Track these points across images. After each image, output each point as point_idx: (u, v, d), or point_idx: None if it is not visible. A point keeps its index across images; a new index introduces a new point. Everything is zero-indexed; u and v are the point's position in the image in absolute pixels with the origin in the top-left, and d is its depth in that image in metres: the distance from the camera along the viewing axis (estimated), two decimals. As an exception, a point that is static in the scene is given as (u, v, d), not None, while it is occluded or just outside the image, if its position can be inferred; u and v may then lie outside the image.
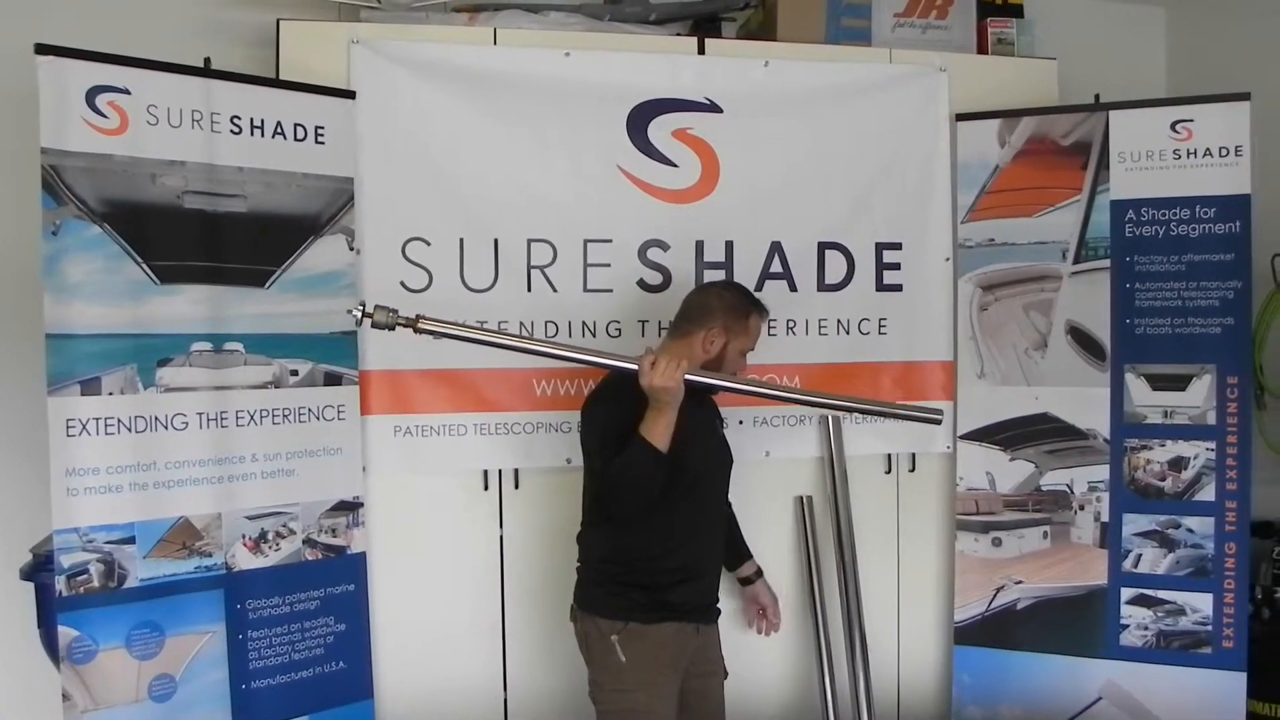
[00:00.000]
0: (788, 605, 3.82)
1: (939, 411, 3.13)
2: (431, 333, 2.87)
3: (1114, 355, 3.73)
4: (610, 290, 3.73)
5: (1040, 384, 3.82)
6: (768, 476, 3.84)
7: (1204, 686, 3.68)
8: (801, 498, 3.91)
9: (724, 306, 3.13)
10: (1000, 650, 3.89)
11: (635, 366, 2.86)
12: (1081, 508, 3.81)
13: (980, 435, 3.90)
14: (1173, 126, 3.69)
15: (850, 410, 3.44)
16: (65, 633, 3.02)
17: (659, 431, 2.82)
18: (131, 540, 3.10)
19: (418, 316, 2.85)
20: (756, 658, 3.79)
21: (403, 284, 3.59)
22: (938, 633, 4.05)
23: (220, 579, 3.26)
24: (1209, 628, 3.68)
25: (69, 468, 2.99)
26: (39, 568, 3.29)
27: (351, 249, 3.50)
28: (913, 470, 4.00)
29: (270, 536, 3.36)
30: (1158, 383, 3.70)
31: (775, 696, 3.91)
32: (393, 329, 2.84)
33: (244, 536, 3.31)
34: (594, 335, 3.69)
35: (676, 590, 3.04)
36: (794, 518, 3.92)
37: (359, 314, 2.83)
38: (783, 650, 3.89)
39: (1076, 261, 3.76)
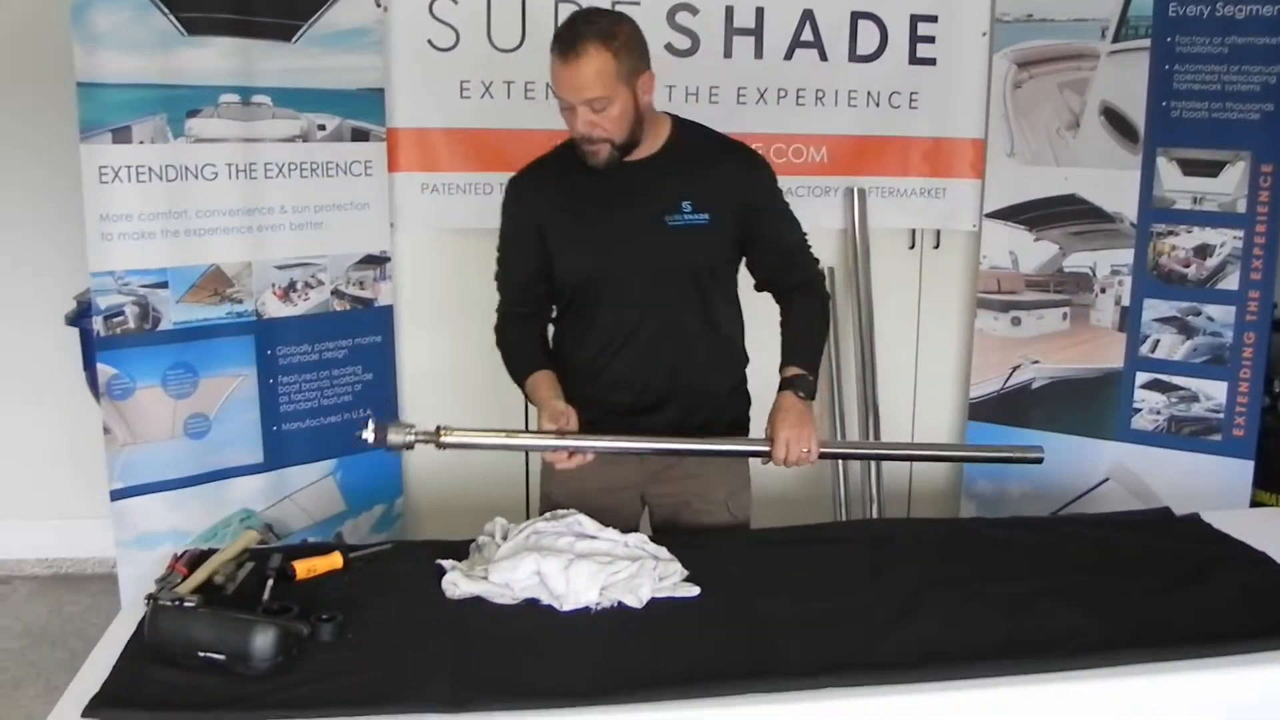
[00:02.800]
0: None
1: (1039, 449, 2.69)
2: (459, 446, 2.42)
3: (1147, 138, 3.67)
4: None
5: (1070, 164, 3.78)
6: None
7: (1211, 472, 3.74)
8: (823, 269, 3.92)
9: None
10: (1013, 428, 3.96)
11: (764, 448, 2.49)
12: (1103, 291, 3.81)
13: (1006, 214, 3.89)
14: (1222, -100, 3.53)
15: (944, 460, 2.76)
16: (104, 370, 3.20)
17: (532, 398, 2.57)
18: (165, 285, 3.25)
19: (439, 429, 2.40)
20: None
21: (430, 42, 3.60)
22: (953, 409, 4.14)
23: (251, 325, 3.41)
24: (1221, 415, 3.72)
25: (103, 213, 3.12)
26: (82, 314, 3.46)
27: (379, 5, 3.49)
28: (936, 247, 4.03)
29: (299, 286, 3.49)
30: (1190, 168, 3.64)
31: (784, 470, 4.01)
32: (411, 448, 2.42)
33: (274, 285, 3.44)
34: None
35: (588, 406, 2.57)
36: None
37: (369, 436, 2.36)
38: None
39: (1115, 40, 3.66)
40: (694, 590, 2.23)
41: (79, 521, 4.04)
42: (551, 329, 2.68)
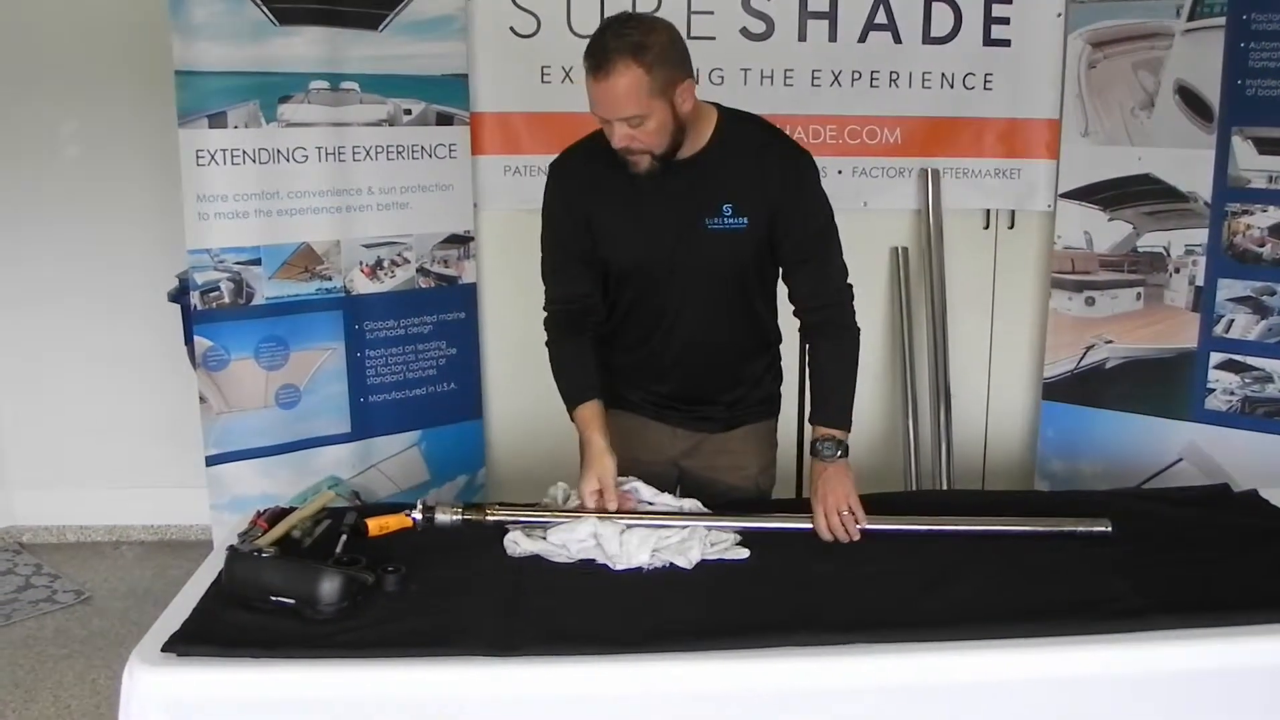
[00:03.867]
0: (877, 358, 3.95)
1: (1105, 522, 2.45)
2: (504, 522, 2.38)
3: (1221, 117, 3.64)
4: (713, 38, 3.78)
5: (1144, 144, 3.76)
6: (864, 228, 3.85)
7: (1285, 453, 3.72)
8: (897, 249, 4.00)
9: None
10: (1086, 408, 3.96)
11: (807, 525, 2.42)
12: (1177, 271, 3.79)
13: (1081, 194, 3.89)
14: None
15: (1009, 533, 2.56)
16: (201, 342, 3.38)
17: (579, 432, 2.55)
18: (258, 262, 3.41)
19: (483, 508, 2.40)
20: None
21: (512, 29, 3.73)
22: (1026, 389, 4.15)
23: (339, 300, 3.56)
24: (1295, 396, 3.70)
25: (200, 194, 3.29)
26: (182, 291, 3.61)
27: (462, -6, 3.63)
28: (1011, 227, 4.04)
29: (386, 264, 3.63)
30: (1265, 146, 3.61)
31: (857, 448, 4.05)
32: (460, 523, 2.36)
33: (361, 263, 3.58)
34: (696, 81, 3.76)
35: (628, 388, 2.70)
36: (888, 270, 4.03)
37: (419, 516, 2.34)
38: (868, 402, 3.99)
39: (1191, 19, 3.64)
40: (744, 553, 2.32)
41: (183, 491, 4.09)
42: None
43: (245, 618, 2.00)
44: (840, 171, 3.87)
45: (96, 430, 4.32)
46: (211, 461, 3.41)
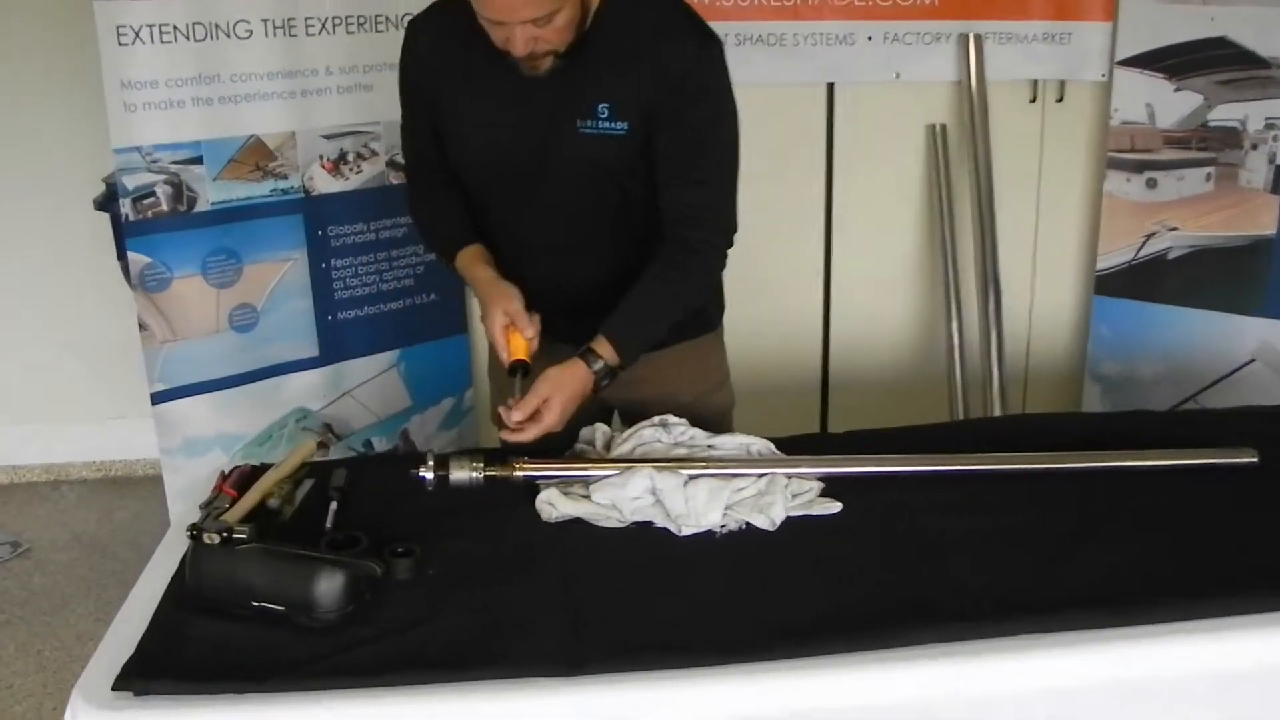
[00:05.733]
0: (915, 251, 3.60)
1: (1250, 451, 2.06)
2: (536, 478, 1.92)
3: (1313, -33, 3.21)
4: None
5: (1218, 2, 3.32)
6: (897, 101, 3.53)
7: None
8: (934, 126, 3.57)
9: None
10: (1144, 302, 3.58)
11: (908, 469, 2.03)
12: (1254, 147, 3.38)
13: (1142, 61, 3.45)
14: None
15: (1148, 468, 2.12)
16: (136, 259, 2.91)
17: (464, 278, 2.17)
18: (199, 160, 2.94)
19: (513, 464, 1.91)
20: (877, 302, 3.59)
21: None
22: (1076, 281, 3.78)
23: (298, 203, 3.10)
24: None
25: (124, 80, 2.80)
26: (111, 197, 3.14)
27: None
28: (1060, 100, 3.60)
29: (350, 158, 3.16)
30: (1361, 2, 3.19)
31: (896, 344, 3.72)
32: (480, 484, 1.89)
33: (321, 157, 3.11)
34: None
35: None
36: (924, 149, 3.61)
37: (429, 475, 1.86)
38: (906, 294, 3.67)
39: None
40: (834, 506, 1.88)
41: (127, 422, 3.82)
42: None
43: (219, 632, 1.54)
44: (870, 38, 3.42)
45: (26, 359, 3.96)
46: (158, 399, 2.94)
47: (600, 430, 2.07)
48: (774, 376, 3.56)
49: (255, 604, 1.54)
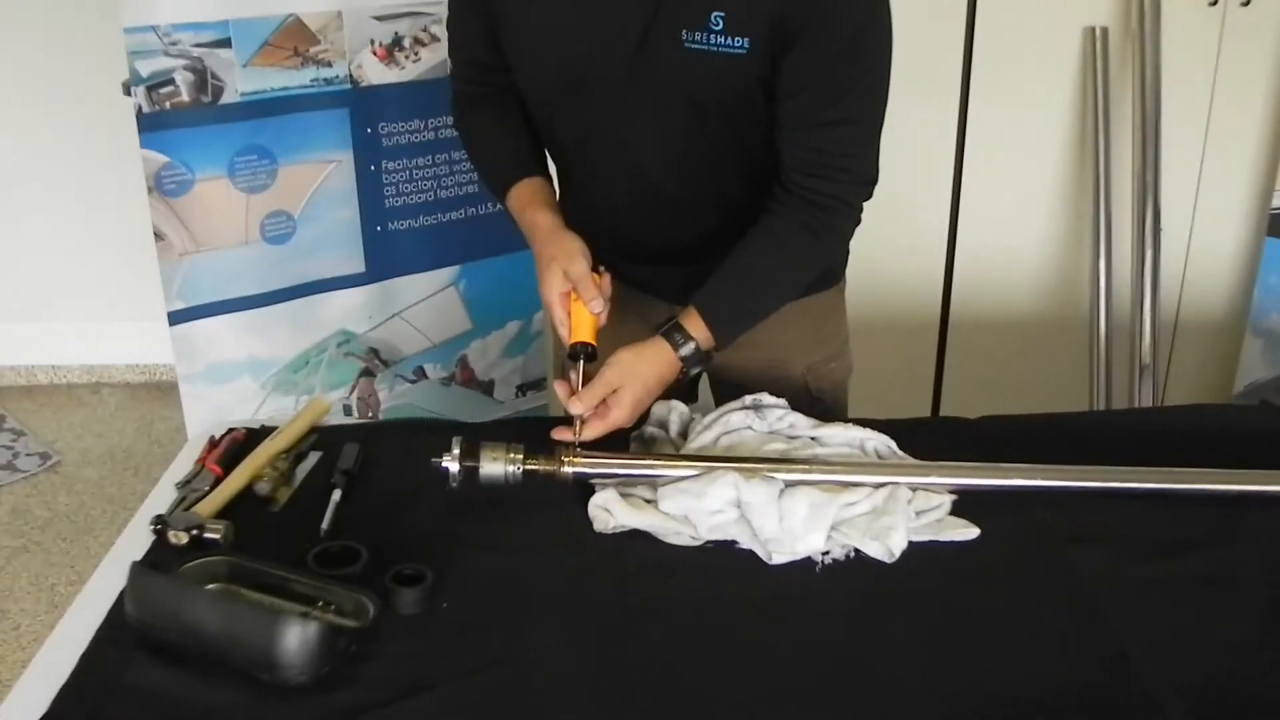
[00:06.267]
0: (1062, 169, 3.14)
1: None
2: (589, 477, 1.53)
3: None
4: None
5: None
6: (1047, 1, 3.03)
7: None
8: (1093, 29, 3.08)
9: None
10: (1326, 247, 3.10)
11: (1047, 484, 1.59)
12: None
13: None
14: None
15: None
16: (151, 159, 2.50)
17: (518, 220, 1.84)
18: (227, 43, 2.51)
19: (561, 456, 1.51)
20: (1012, 228, 3.17)
21: None
22: (1247, 219, 3.29)
23: (344, 95, 2.68)
24: None
25: (137, -59, 2.39)
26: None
27: None
28: (1246, 3, 3.07)
29: (407, 44, 2.75)
30: None
31: (1030, 278, 3.30)
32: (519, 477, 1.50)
33: (373, 42, 2.69)
34: None
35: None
36: (1079, 56, 3.13)
37: (453, 467, 1.46)
38: (1047, 221, 3.21)
39: None
40: (971, 531, 1.46)
41: None
42: None
43: (160, 682, 1.17)
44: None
45: (66, 255, 3.78)
46: (176, 318, 2.57)
47: (677, 411, 1.66)
48: (887, 307, 3.17)
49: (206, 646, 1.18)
